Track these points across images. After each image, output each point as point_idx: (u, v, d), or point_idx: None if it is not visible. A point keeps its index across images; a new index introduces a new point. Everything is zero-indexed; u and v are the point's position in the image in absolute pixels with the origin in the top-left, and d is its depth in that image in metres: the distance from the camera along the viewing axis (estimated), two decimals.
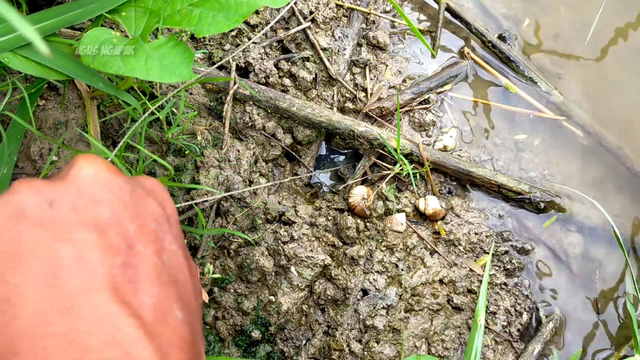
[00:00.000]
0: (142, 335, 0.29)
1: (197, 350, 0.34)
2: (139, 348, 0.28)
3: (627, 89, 1.20)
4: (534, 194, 1.06)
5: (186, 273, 0.36)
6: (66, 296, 0.28)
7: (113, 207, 0.33)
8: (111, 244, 0.31)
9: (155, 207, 0.36)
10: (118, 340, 0.28)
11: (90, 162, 0.35)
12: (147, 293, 0.31)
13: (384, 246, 1.00)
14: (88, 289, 0.29)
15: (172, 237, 0.36)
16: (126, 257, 0.32)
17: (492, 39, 1.18)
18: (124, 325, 0.29)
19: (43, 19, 0.59)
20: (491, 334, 0.99)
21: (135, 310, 0.30)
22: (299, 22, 1.10)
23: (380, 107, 1.08)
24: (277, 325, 0.93)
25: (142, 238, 0.33)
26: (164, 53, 0.53)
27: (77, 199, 0.32)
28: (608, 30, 1.24)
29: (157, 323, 0.31)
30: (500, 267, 1.04)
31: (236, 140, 1.01)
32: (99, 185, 0.34)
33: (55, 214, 0.31)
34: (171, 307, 0.32)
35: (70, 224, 0.31)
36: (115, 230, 0.32)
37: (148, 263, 0.32)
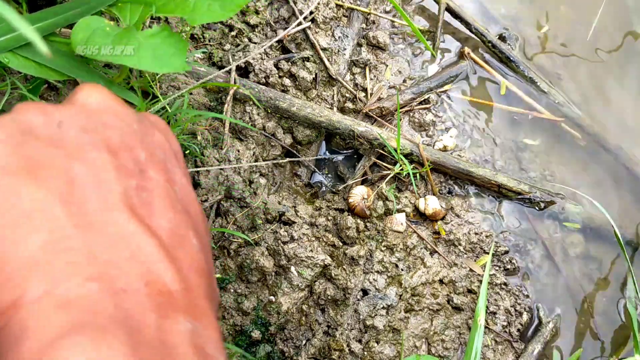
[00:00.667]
0: (163, 256, 0.28)
1: (212, 280, 0.33)
2: (161, 267, 0.28)
3: (627, 89, 1.20)
4: (534, 194, 1.06)
5: (197, 207, 0.35)
6: (84, 213, 0.27)
7: (122, 132, 0.32)
8: (124, 165, 0.30)
9: (162, 139, 0.35)
10: (139, 258, 0.27)
11: (97, 89, 0.34)
12: (163, 217, 0.30)
13: (384, 246, 1.00)
14: (106, 207, 0.28)
15: (180, 172, 0.35)
16: (140, 180, 0.31)
17: (492, 39, 1.18)
18: (145, 244, 0.28)
19: (42, 19, 0.59)
20: (491, 334, 0.99)
21: (154, 231, 0.29)
22: (299, 22, 1.10)
23: (380, 107, 1.08)
24: (277, 325, 0.93)
25: (153, 165, 0.32)
26: (156, 43, 0.53)
27: (86, 121, 0.31)
28: (608, 30, 1.24)
29: (175, 247, 0.30)
30: (500, 267, 1.04)
31: (236, 140, 1.01)
32: (107, 111, 0.33)
33: (65, 134, 0.30)
34: (187, 233, 0.31)
35: (81, 144, 0.30)
36: (126, 153, 0.31)
37: (161, 189, 0.31)
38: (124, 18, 0.57)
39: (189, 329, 0.26)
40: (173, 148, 0.36)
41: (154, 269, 0.27)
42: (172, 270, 0.28)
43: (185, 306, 0.27)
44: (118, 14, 0.57)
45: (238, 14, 1.10)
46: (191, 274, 0.29)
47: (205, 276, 0.31)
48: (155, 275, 0.27)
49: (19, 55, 0.57)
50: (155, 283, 0.27)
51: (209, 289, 0.31)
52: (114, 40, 0.53)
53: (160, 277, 0.27)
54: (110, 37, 0.53)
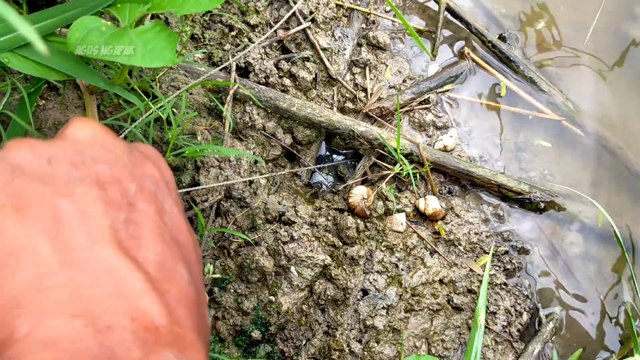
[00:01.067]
0: (150, 290, 0.28)
1: (203, 312, 0.33)
2: (146, 302, 0.27)
3: (626, 88, 1.20)
4: (534, 194, 1.06)
5: (188, 236, 0.35)
6: (70, 249, 0.28)
7: (112, 165, 0.32)
8: (113, 199, 0.31)
9: (153, 170, 0.36)
10: (124, 294, 0.27)
11: (86, 123, 0.34)
12: (151, 250, 0.30)
13: (384, 246, 1.00)
14: (91, 243, 0.28)
15: (172, 201, 0.35)
16: (128, 213, 0.31)
17: (492, 39, 1.18)
18: (130, 279, 0.28)
19: (42, 19, 0.59)
20: (491, 334, 0.99)
21: (141, 265, 0.29)
22: (299, 22, 1.10)
23: (380, 107, 1.08)
24: (277, 325, 0.93)
25: (143, 197, 0.32)
26: (148, 38, 0.53)
27: (75, 156, 0.31)
28: (607, 30, 1.24)
29: (163, 280, 0.29)
30: (500, 267, 1.04)
31: (236, 140, 1.01)
32: (97, 144, 0.33)
33: (54, 170, 0.30)
34: (176, 265, 0.31)
35: (70, 180, 0.30)
36: (115, 187, 0.31)
37: (150, 221, 0.32)
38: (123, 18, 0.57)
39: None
40: (164, 177, 0.36)
41: (140, 304, 0.27)
42: (158, 304, 0.28)
43: (172, 341, 0.27)
44: (117, 14, 0.58)
45: (238, 14, 1.10)
46: (179, 308, 0.29)
47: (194, 308, 0.31)
48: (141, 310, 0.27)
49: (19, 55, 0.57)
50: (141, 319, 0.27)
51: (198, 321, 0.31)
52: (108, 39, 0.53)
53: (146, 313, 0.27)
54: (105, 36, 0.53)
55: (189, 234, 0.35)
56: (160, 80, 0.92)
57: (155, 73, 0.88)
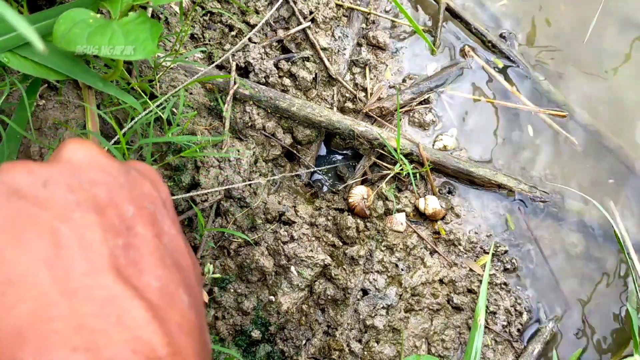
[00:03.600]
0: (151, 319, 0.28)
1: (204, 338, 0.33)
2: (148, 332, 0.27)
3: (626, 87, 1.20)
4: (534, 193, 1.06)
5: (187, 258, 0.35)
6: (70, 278, 0.27)
7: (109, 188, 0.32)
8: (111, 224, 0.30)
9: (151, 189, 0.35)
10: (126, 323, 0.27)
11: (82, 144, 0.34)
12: (151, 275, 0.30)
13: (384, 246, 1.00)
14: (92, 271, 0.28)
15: (170, 221, 0.35)
16: (127, 238, 0.30)
17: (492, 39, 1.18)
18: (132, 308, 0.27)
19: (42, 19, 0.59)
20: (491, 334, 0.99)
21: (142, 293, 0.29)
22: (299, 22, 1.10)
23: (380, 107, 1.08)
24: (277, 325, 0.93)
25: (141, 220, 0.32)
26: (130, 29, 0.52)
27: (71, 179, 0.31)
28: (607, 28, 1.24)
29: (164, 307, 0.29)
30: (500, 267, 1.04)
31: (236, 140, 1.01)
32: (93, 166, 0.32)
33: (51, 194, 0.29)
34: (177, 290, 0.31)
35: (67, 204, 0.29)
36: (113, 211, 0.31)
37: (149, 245, 0.31)
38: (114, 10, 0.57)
39: None
40: (162, 197, 0.36)
41: (142, 334, 0.27)
42: (160, 333, 0.28)
43: None
44: (109, 7, 0.57)
45: (238, 14, 1.10)
46: (181, 335, 0.29)
47: (195, 334, 0.31)
48: (142, 341, 0.27)
49: (18, 55, 0.57)
50: (143, 349, 0.27)
51: (199, 347, 0.31)
52: (93, 32, 0.52)
53: (147, 343, 0.27)
54: (90, 29, 0.52)
55: (188, 255, 0.35)
56: (160, 80, 0.92)
57: (155, 73, 0.88)
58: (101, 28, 0.53)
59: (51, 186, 0.30)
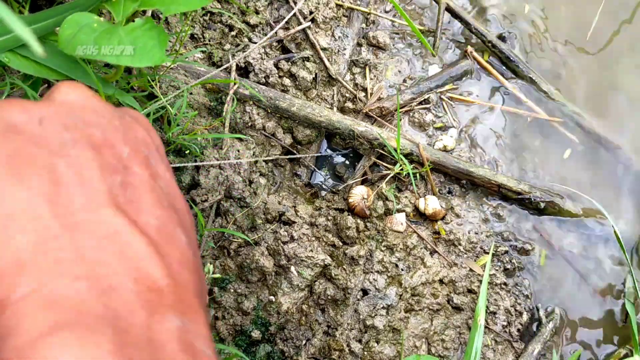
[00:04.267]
0: (152, 253, 0.28)
1: (201, 275, 0.33)
2: (150, 264, 0.27)
3: (627, 88, 1.20)
4: (534, 194, 1.06)
5: (182, 202, 0.35)
6: (70, 212, 0.27)
7: (104, 128, 0.32)
8: (108, 162, 0.30)
9: (144, 134, 0.35)
10: (128, 256, 0.27)
11: (75, 87, 0.33)
12: (150, 214, 0.30)
13: (384, 246, 1.00)
14: (92, 205, 0.28)
15: (164, 166, 0.35)
16: (124, 176, 0.30)
17: (492, 39, 1.18)
18: (133, 241, 0.28)
19: (42, 19, 0.59)
20: (491, 334, 0.99)
21: (142, 228, 0.29)
22: (299, 22, 1.10)
23: (380, 107, 1.08)
24: (277, 325, 0.93)
25: (137, 161, 0.32)
26: (137, 36, 0.52)
27: (66, 119, 0.31)
28: (608, 29, 1.24)
29: (163, 243, 0.29)
30: (500, 267, 1.04)
31: (236, 140, 1.01)
32: (87, 108, 0.32)
33: (47, 131, 0.29)
34: (175, 229, 0.31)
35: (64, 142, 0.29)
36: (109, 150, 0.31)
37: (146, 185, 0.31)
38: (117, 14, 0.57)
39: (177, 326, 0.26)
40: (155, 143, 0.36)
41: (143, 266, 0.27)
42: (161, 266, 0.28)
43: (174, 302, 0.27)
44: (111, 10, 0.57)
45: (238, 14, 1.10)
46: (181, 270, 0.29)
47: (194, 272, 0.31)
48: (144, 272, 0.27)
49: (19, 54, 0.57)
50: (144, 280, 0.27)
51: (198, 284, 0.31)
52: (98, 37, 0.52)
53: (149, 274, 0.27)
54: (96, 34, 0.52)
55: (182, 199, 0.35)
56: (160, 80, 0.92)
57: (155, 73, 0.88)
58: (107, 33, 0.52)
59: (47, 124, 0.30)
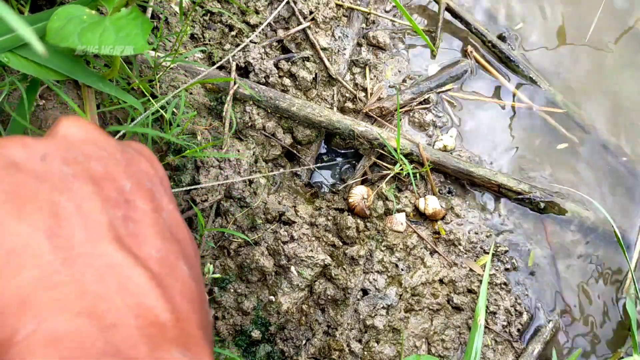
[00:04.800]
0: (154, 286, 0.27)
1: (206, 308, 0.33)
2: (151, 298, 0.27)
3: (627, 88, 1.20)
4: (534, 193, 1.06)
5: (185, 232, 0.35)
6: (71, 246, 0.27)
7: (105, 162, 0.32)
8: (109, 196, 0.30)
9: (148, 166, 0.35)
10: (129, 290, 0.27)
11: (76, 121, 0.34)
12: (152, 246, 0.30)
13: (384, 246, 1.00)
14: (92, 239, 0.28)
15: (167, 198, 0.35)
16: (126, 210, 0.30)
17: (492, 39, 1.18)
18: (134, 275, 0.27)
19: (43, 19, 0.59)
20: (491, 334, 0.99)
21: (143, 261, 0.29)
22: (299, 22, 1.10)
23: (380, 107, 1.08)
24: (277, 325, 0.93)
25: (139, 195, 0.32)
26: (121, 25, 0.52)
27: (67, 154, 0.31)
28: (608, 28, 1.24)
29: (166, 276, 0.29)
30: (500, 267, 1.04)
31: (236, 140, 1.01)
32: (88, 142, 0.33)
33: (48, 167, 0.29)
34: (177, 261, 0.31)
35: (65, 176, 0.29)
36: (110, 184, 0.31)
37: (148, 218, 0.31)
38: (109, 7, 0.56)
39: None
40: (159, 175, 0.36)
41: (144, 300, 0.27)
42: (163, 300, 0.27)
43: (177, 337, 0.27)
44: (105, 4, 0.57)
45: (238, 14, 1.10)
46: (183, 303, 0.29)
47: (197, 304, 0.31)
48: (145, 306, 0.27)
49: (18, 55, 0.57)
50: (146, 315, 0.27)
51: (202, 317, 0.31)
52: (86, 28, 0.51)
53: (150, 309, 0.27)
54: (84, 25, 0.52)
55: (186, 230, 0.35)
56: (160, 80, 0.92)
57: (155, 73, 0.88)
58: (94, 25, 0.52)
59: (49, 160, 0.30)
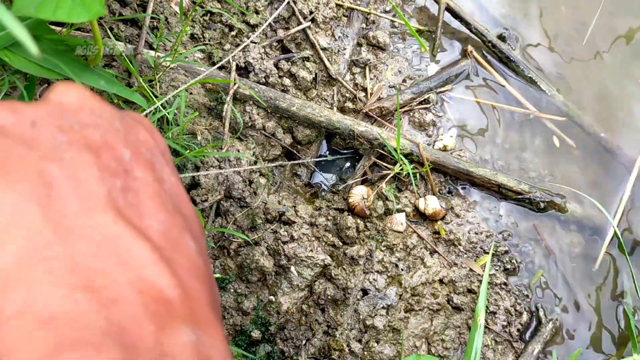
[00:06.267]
0: (157, 260, 0.25)
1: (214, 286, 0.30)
2: (154, 273, 0.24)
3: (626, 88, 1.20)
4: (534, 193, 1.06)
5: (191, 209, 0.32)
6: (63, 217, 0.24)
7: (103, 130, 0.29)
8: (107, 166, 0.27)
9: (147, 136, 0.33)
10: (129, 264, 0.24)
11: (73, 87, 0.31)
12: (154, 218, 0.27)
13: (384, 246, 1.00)
14: (87, 210, 0.25)
15: (169, 170, 0.32)
16: (125, 181, 0.28)
17: (492, 39, 1.18)
18: (135, 247, 0.25)
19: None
20: (491, 334, 0.99)
21: (145, 233, 0.26)
22: (299, 22, 1.10)
23: (380, 107, 1.08)
24: (277, 325, 0.93)
25: (139, 165, 0.29)
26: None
27: (62, 120, 0.28)
28: (607, 29, 1.24)
29: (169, 250, 0.26)
30: (500, 267, 1.04)
31: (236, 140, 1.01)
32: (85, 109, 0.30)
33: (39, 134, 0.27)
34: (182, 235, 0.28)
35: (58, 144, 0.27)
36: (108, 153, 0.28)
37: (149, 189, 0.28)
38: None
39: (191, 340, 0.24)
40: (159, 146, 0.34)
41: (147, 275, 0.24)
42: (167, 274, 0.25)
43: (186, 314, 0.24)
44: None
45: (238, 14, 1.10)
46: (190, 279, 0.26)
47: (205, 281, 0.28)
48: (148, 281, 0.24)
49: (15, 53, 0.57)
50: (150, 290, 0.24)
51: (210, 294, 0.28)
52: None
53: (154, 283, 0.24)
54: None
55: (190, 205, 0.33)
56: (160, 80, 0.92)
57: (155, 72, 0.88)
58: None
59: (39, 126, 0.27)
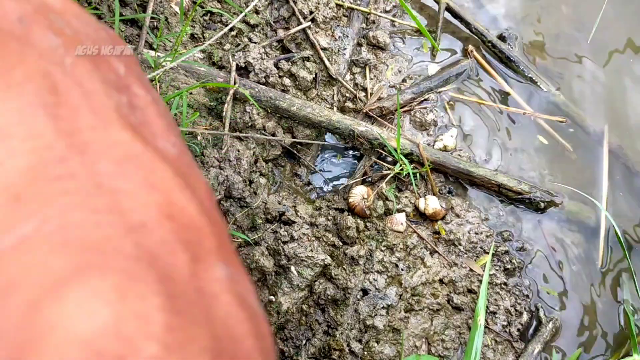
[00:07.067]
0: (183, 185, 0.21)
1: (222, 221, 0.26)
2: (182, 198, 0.21)
3: (628, 88, 1.20)
4: (534, 193, 1.06)
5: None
6: (76, 129, 0.20)
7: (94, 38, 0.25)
8: (109, 79, 0.23)
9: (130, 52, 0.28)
10: (156, 186, 0.20)
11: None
12: (166, 140, 0.24)
13: (384, 246, 1.00)
14: (102, 124, 0.21)
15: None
16: (128, 97, 0.24)
17: (492, 39, 1.18)
18: (158, 169, 0.21)
19: None
20: (491, 334, 0.99)
21: (164, 155, 0.22)
22: (299, 22, 1.10)
23: (380, 107, 1.08)
24: (277, 324, 0.93)
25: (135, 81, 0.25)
26: None
27: (52, 22, 0.24)
28: (610, 29, 1.24)
29: (188, 176, 0.23)
30: (500, 267, 1.04)
31: (236, 140, 1.01)
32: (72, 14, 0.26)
33: (30, 31, 0.22)
34: (193, 162, 0.25)
35: (53, 46, 0.23)
36: (106, 66, 0.24)
37: (152, 108, 0.25)
38: None
39: (227, 276, 0.20)
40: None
41: (175, 199, 0.21)
42: (195, 202, 0.21)
43: (216, 247, 0.21)
44: None
45: (238, 14, 1.10)
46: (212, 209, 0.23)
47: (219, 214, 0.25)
48: (177, 206, 0.20)
49: None
50: (181, 217, 0.20)
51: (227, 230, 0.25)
52: None
53: (184, 209, 0.21)
54: None
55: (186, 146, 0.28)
56: (160, 80, 0.92)
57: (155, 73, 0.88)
58: None
59: (27, 23, 0.23)
